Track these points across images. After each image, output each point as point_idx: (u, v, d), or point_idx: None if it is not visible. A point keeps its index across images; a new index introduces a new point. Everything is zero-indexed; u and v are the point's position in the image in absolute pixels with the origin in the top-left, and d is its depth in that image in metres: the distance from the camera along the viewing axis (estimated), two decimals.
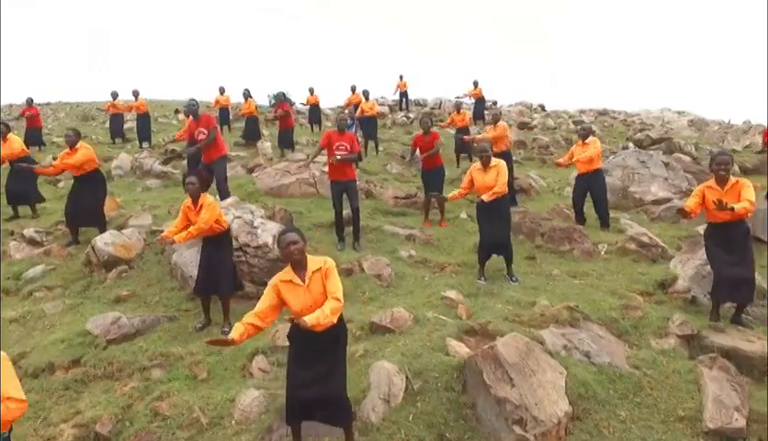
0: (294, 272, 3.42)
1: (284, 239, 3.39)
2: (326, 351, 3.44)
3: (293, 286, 3.39)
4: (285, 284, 3.41)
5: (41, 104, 34.97)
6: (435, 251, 7.52)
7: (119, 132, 16.42)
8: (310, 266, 3.40)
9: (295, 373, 3.48)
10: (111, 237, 6.79)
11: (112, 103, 16.13)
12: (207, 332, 5.49)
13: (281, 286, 3.41)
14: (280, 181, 10.42)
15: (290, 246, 3.35)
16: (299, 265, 3.41)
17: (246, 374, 4.65)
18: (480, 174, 6.29)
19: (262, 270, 6.27)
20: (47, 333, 5.45)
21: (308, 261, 3.42)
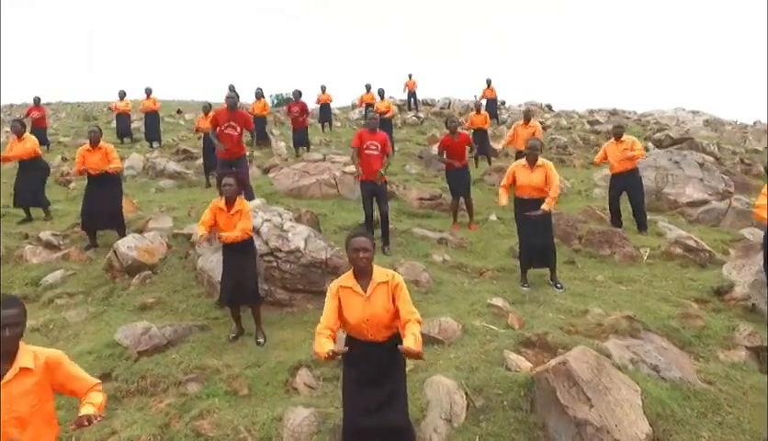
0: (356, 279, 3.12)
1: (355, 243, 3.09)
2: (387, 374, 3.15)
3: (353, 294, 3.10)
4: (345, 290, 3.12)
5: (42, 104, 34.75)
6: (470, 255, 7.22)
7: (127, 132, 16.11)
8: (375, 277, 3.11)
9: (354, 399, 3.18)
10: (134, 241, 6.48)
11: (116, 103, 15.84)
12: (241, 342, 5.20)
13: (341, 292, 3.11)
14: (299, 182, 10.14)
15: (360, 253, 3.06)
16: (363, 273, 3.12)
17: (290, 390, 4.35)
18: (525, 172, 5.98)
19: (294, 276, 5.97)
20: (72, 343, 5.14)
21: (373, 271, 3.12)
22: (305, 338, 5.22)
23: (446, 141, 8.34)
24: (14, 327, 2.42)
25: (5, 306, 2.43)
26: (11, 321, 2.41)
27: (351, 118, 22.24)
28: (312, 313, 5.75)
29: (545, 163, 5.95)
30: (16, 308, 2.46)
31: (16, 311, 2.45)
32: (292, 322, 5.64)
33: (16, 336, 2.44)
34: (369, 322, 3.01)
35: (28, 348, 2.52)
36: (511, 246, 7.30)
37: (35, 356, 2.51)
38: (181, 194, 10.36)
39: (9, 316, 2.41)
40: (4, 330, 2.39)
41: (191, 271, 6.53)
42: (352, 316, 3.05)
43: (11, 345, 2.44)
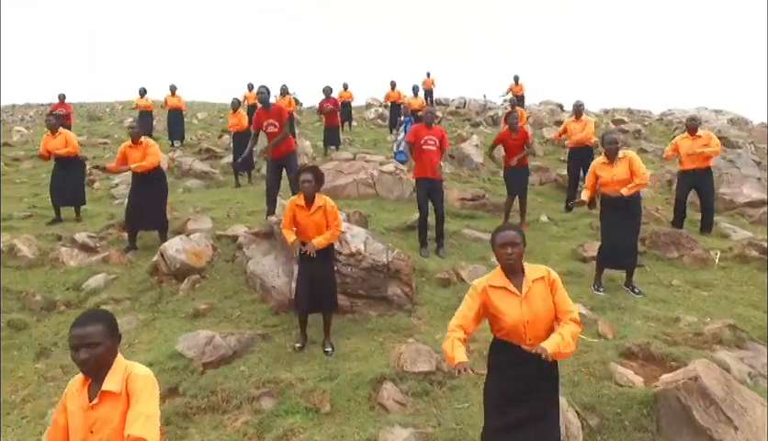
0: (507, 278, 2.76)
1: (501, 237, 2.75)
2: (537, 390, 2.78)
3: (507, 294, 2.74)
4: (496, 290, 2.75)
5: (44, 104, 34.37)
6: (530, 257, 6.80)
7: (148, 130, 15.75)
8: (528, 274, 2.76)
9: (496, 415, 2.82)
10: (181, 243, 6.12)
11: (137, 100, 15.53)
12: (308, 352, 4.84)
13: (491, 292, 2.75)
14: (335, 181, 9.78)
15: (507, 248, 2.72)
16: (514, 270, 2.77)
17: (376, 406, 3.98)
18: (607, 168, 5.61)
19: (356, 280, 5.60)
20: (127, 353, 4.75)
21: (524, 267, 2.77)
22: (375, 349, 4.87)
23: (503, 137, 7.95)
24: (91, 348, 2.04)
25: (81, 323, 2.08)
26: (87, 340, 2.04)
27: (367, 118, 21.90)
28: (376, 321, 5.41)
29: (626, 155, 5.59)
30: (93, 324, 2.08)
31: (93, 329, 2.06)
32: (356, 331, 5.27)
33: (96, 357, 2.05)
34: (530, 324, 2.66)
35: (121, 366, 2.14)
36: (573, 248, 6.95)
37: (126, 376, 2.12)
38: (211, 194, 10.02)
39: (85, 335, 2.04)
40: (78, 351, 2.04)
41: (240, 275, 6.17)
42: (508, 319, 2.69)
43: (94, 366, 2.06)
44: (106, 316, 2.16)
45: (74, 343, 2.04)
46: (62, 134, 8.11)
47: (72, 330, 2.06)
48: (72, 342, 2.04)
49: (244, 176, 11.05)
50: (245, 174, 11.06)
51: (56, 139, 8.07)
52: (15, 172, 12.26)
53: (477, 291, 2.78)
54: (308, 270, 4.75)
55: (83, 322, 2.07)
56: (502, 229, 2.81)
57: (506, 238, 2.73)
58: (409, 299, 5.68)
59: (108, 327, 2.12)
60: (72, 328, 2.06)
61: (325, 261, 4.83)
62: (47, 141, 8.10)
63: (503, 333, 2.78)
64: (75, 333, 2.04)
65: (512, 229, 2.78)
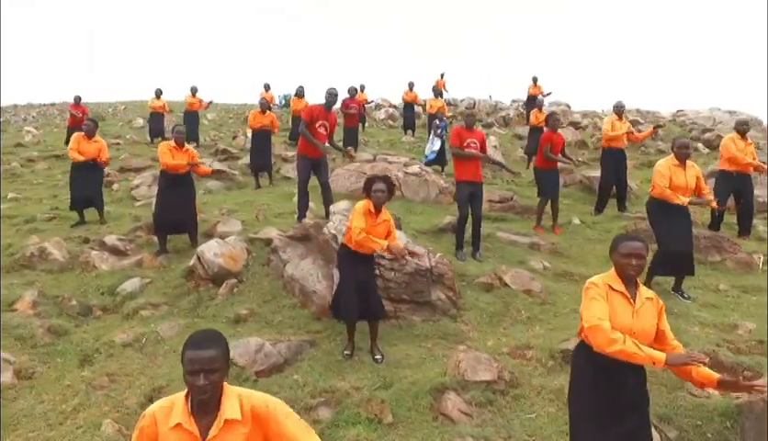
0: (625, 285, 2.66)
1: (628, 247, 2.65)
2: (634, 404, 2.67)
3: (623, 300, 2.63)
4: (615, 294, 2.64)
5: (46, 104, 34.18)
6: (569, 261, 6.75)
7: (160, 132, 15.64)
8: (641, 290, 2.69)
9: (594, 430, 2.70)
10: (218, 247, 6.00)
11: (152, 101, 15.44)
12: (357, 359, 4.71)
13: (610, 293, 2.64)
14: (358, 183, 9.63)
15: (632, 259, 2.63)
16: (630, 281, 2.68)
17: (439, 416, 3.86)
18: (679, 172, 5.48)
19: (399, 285, 5.49)
20: (173, 360, 4.66)
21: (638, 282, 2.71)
22: (425, 356, 4.76)
23: (549, 138, 7.82)
24: (211, 373, 1.86)
25: (201, 345, 1.90)
26: (208, 366, 1.86)
27: (377, 118, 21.80)
28: (421, 327, 5.30)
29: (694, 165, 5.54)
30: (214, 348, 1.90)
31: (213, 353, 1.89)
32: (401, 337, 5.15)
33: (214, 384, 1.89)
34: (636, 336, 2.55)
35: (232, 392, 1.98)
36: None
37: (240, 401, 1.96)
38: (233, 196, 9.90)
39: (207, 360, 1.86)
40: (196, 376, 1.86)
41: (277, 279, 6.05)
42: (617, 325, 2.57)
43: (211, 393, 1.89)
44: (221, 338, 1.99)
45: (193, 367, 1.86)
46: (97, 142, 8.00)
47: (189, 352, 1.89)
48: (189, 366, 1.86)
49: (264, 178, 10.93)
50: (265, 175, 10.93)
51: (90, 144, 7.94)
52: (31, 173, 12.15)
53: (602, 289, 2.66)
54: (353, 273, 4.64)
55: (202, 345, 1.90)
56: (628, 238, 2.72)
57: (633, 249, 2.63)
58: (453, 303, 5.56)
59: (225, 350, 1.97)
60: (189, 349, 1.89)
61: (371, 268, 4.74)
62: (81, 143, 7.97)
63: None
64: (195, 357, 1.87)
65: (638, 240, 2.69)
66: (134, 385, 4.30)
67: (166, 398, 2.03)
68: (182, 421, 1.90)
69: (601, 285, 2.67)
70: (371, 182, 4.59)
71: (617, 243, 2.73)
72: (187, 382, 1.89)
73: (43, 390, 4.17)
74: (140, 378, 4.39)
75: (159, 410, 1.97)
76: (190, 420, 1.91)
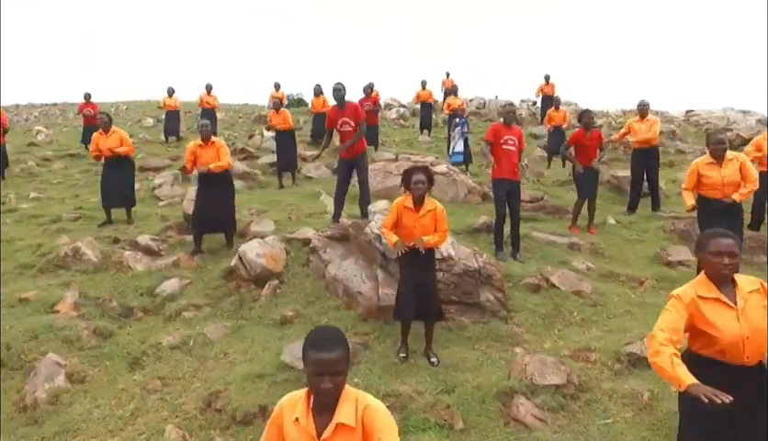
0: (718, 288, 2.53)
1: (719, 244, 2.50)
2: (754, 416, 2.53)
3: (721, 306, 2.49)
4: (707, 302, 2.50)
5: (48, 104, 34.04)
6: (612, 262, 6.63)
7: (175, 131, 15.54)
8: (742, 285, 2.52)
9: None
10: (260, 247, 5.88)
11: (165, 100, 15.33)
12: (413, 362, 4.60)
13: (701, 304, 2.51)
14: (385, 183, 9.54)
15: (725, 258, 2.48)
16: (725, 281, 2.53)
17: (511, 422, 3.74)
18: (714, 169, 5.36)
19: (448, 286, 5.37)
20: (225, 363, 4.55)
21: (735, 278, 2.54)
22: (482, 359, 4.64)
23: (577, 137, 7.70)
24: (336, 376, 1.78)
25: (327, 346, 1.79)
26: (334, 368, 1.78)
27: (388, 118, 21.68)
28: (472, 328, 5.18)
29: (736, 156, 5.36)
30: (339, 349, 1.80)
31: (339, 354, 1.79)
32: (452, 339, 5.04)
33: (338, 386, 1.81)
34: (750, 340, 2.43)
35: (350, 394, 1.88)
36: (655, 253, 6.73)
37: (356, 406, 1.86)
38: (258, 195, 9.78)
39: (333, 361, 1.77)
40: (321, 377, 1.77)
41: (318, 280, 5.94)
42: (725, 334, 2.44)
43: (335, 396, 1.82)
44: (344, 338, 1.88)
45: (318, 369, 1.77)
46: (116, 133, 7.89)
47: (314, 352, 1.78)
48: (315, 367, 1.77)
49: (287, 177, 10.81)
50: (288, 175, 10.82)
51: (110, 138, 7.83)
52: (48, 172, 12.03)
53: (683, 302, 2.53)
54: (411, 272, 4.53)
55: (328, 346, 1.79)
56: (718, 235, 2.55)
57: (724, 246, 2.49)
58: (502, 305, 5.44)
59: (348, 352, 1.86)
60: (313, 350, 1.79)
61: (430, 267, 4.62)
62: (99, 140, 7.88)
63: (715, 350, 2.53)
64: (322, 358, 1.77)
65: (729, 236, 2.54)
66: (189, 389, 4.18)
67: (297, 391, 1.97)
68: (300, 417, 1.86)
69: (684, 298, 2.52)
70: (410, 174, 4.46)
71: (706, 241, 2.57)
72: (311, 383, 1.82)
73: (98, 395, 4.05)
74: (193, 382, 4.27)
75: (287, 401, 1.96)
76: (308, 418, 1.87)
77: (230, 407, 3.86)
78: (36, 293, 5.44)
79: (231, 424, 3.76)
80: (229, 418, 3.79)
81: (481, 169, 11.60)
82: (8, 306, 5.28)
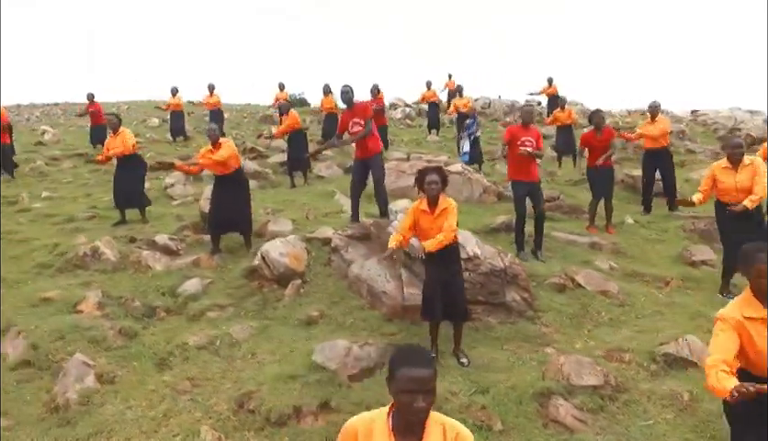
0: (764, 305, 2.47)
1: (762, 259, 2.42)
2: None
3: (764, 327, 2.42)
4: (754, 323, 2.43)
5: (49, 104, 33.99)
6: (634, 262, 6.58)
7: (181, 130, 15.47)
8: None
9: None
10: (283, 246, 5.83)
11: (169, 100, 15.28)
12: (444, 363, 4.54)
13: (748, 325, 2.45)
14: (398, 182, 9.48)
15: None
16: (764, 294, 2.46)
17: (549, 423, 3.69)
18: (729, 174, 5.34)
19: (474, 286, 5.31)
20: (252, 363, 4.50)
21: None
22: (512, 359, 4.60)
23: (587, 138, 7.67)
24: (430, 395, 1.71)
25: (421, 363, 1.72)
26: (428, 386, 1.70)
27: (394, 118, 21.64)
28: (499, 329, 5.14)
29: (753, 161, 5.32)
30: (430, 367, 1.73)
31: (431, 372, 1.72)
32: (480, 339, 4.99)
33: (429, 406, 1.73)
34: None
35: (436, 418, 1.81)
36: (677, 252, 6.69)
37: (444, 431, 1.79)
38: (271, 195, 9.72)
39: (425, 380, 1.70)
40: (414, 395, 1.68)
41: (340, 279, 5.89)
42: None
43: (425, 417, 1.74)
44: (431, 355, 1.83)
45: (413, 386, 1.68)
46: (120, 134, 7.84)
47: (407, 369, 1.70)
48: (408, 384, 1.68)
49: (299, 177, 10.76)
50: (299, 174, 10.77)
51: (115, 139, 7.81)
52: (58, 172, 11.96)
53: (729, 324, 2.48)
54: (437, 275, 4.49)
55: (422, 362, 1.72)
56: (761, 249, 2.46)
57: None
58: (529, 305, 5.40)
59: (436, 368, 1.79)
60: (406, 367, 1.70)
61: (455, 265, 4.57)
62: (109, 143, 7.87)
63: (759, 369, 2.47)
64: (417, 376, 1.68)
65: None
66: (219, 390, 4.13)
67: (366, 413, 1.90)
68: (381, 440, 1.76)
69: (729, 319, 2.48)
70: (423, 174, 4.42)
71: (752, 257, 2.47)
72: (401, 402, 1.72)
73: (128, 395, 3.99)
74: (224, 383, 4.22)
75: (361, 423, 1.85)
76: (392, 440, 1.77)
77: (263, 408, 3.81)
78: (58, 293, 5.39)
79: (265, 426, 3.70)
80: (263, 419, 3.74)
81: (494, 169, 11.56)
82: (30, 306, 5.23)
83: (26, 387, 4.02)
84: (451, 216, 4.36)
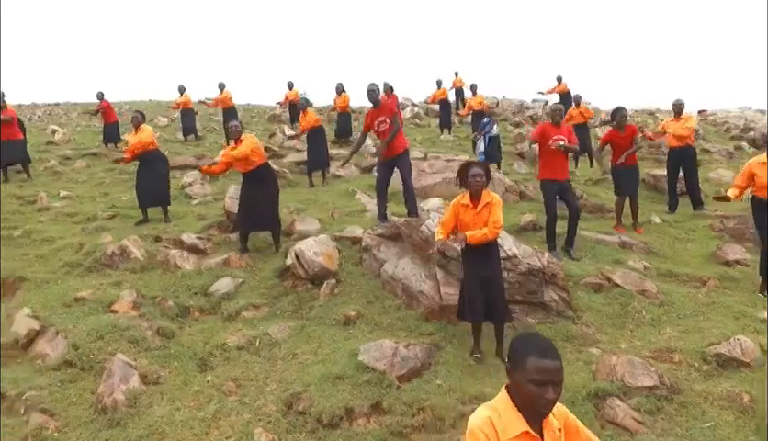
0: None
1: None
2: None
3: None
4: None
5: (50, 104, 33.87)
6: (667, 261, 6.51)
7: (192, 129, 15.41)
8: None
9: None
10: (317, 245, 5.76)
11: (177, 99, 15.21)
12: (489, 363, 4.49)
13: None
14: (421, 181, 9.42)
15: None
16: None
17: (606, 425, 3.63)
18: (764, 169, 5.28)
19: (512, 285, 5.25)
20: (294, 364, 4.43)
21: None
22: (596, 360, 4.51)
23: (611, 136, 7.61)
24: (558, 386, 1.69)
25: (552, 355, 1.69)
26: (557, 377, 1.68)
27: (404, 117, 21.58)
28: (539, 329, 5.04)
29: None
30: (559, 358, 1.72)
31: (561, 364, 1.71)
32: None
33: (558, 397, 1.71)
34: None
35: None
36: (710, 251, 6.62)
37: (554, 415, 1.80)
38: (292, 194, 9.64)
39: (557, 371, 1.68)
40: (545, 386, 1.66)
41: (373, 278, 5.83)
42: None
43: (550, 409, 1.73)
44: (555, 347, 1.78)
45: (544, 378, 1.65)
46: (141, 131, 7.81)
47: (538, 359, 1.66)
48: (539, 375, 1.65)
49: (318, 176, 10.69)
50: (319, 173, 10.70)
51: (136, 136, 7.78)
52: (72, 171, 11.89)
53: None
54: (476, 273, 4.43)
55: (552, 353, 1.69)
56: None
57: None
58: (567, 305, 5.33)
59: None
60: (537, 357, 1.67)
61: (494, 262, 4.49)
62: (130, 139, 7.87)
63: None
64: (549, 366, 1.65)
65: None
66: (265, 391, 4.07)
67: (485, 407, 1.81)
68: (526, 429, 1.70)
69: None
70: (466, 169, 4.36)
71: None
72: (531, 392, 1.68)
73: (174, 397, 3.93)
74: (269, 384, 4.15)
75: (496, 418, 1.74)
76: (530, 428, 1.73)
77: (313, 409, 3.74)
78: (91, 292, 5.32)
79: (317, 427, 3.64)
80: (314, 421, 3.67)
81: (512, 169, 11.50)
82: (64, 305, 5.17)
83: (70, 387, 3.95)
84: (497, 210, 4.29)
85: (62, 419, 3.62)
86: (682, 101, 8.60)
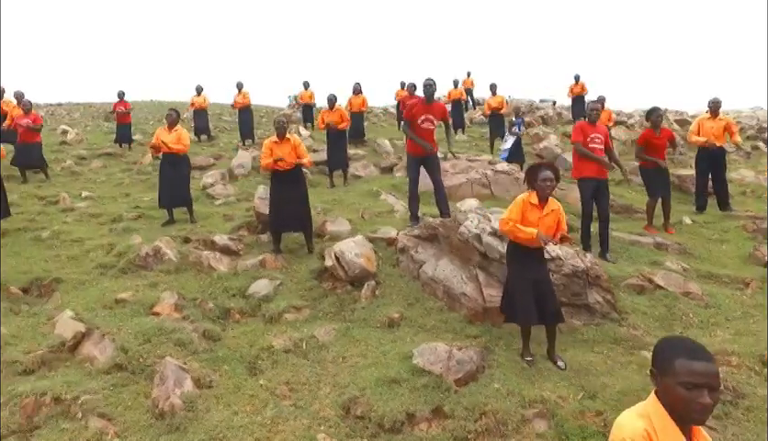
0: None
1: None
2: None
3: None
4: None
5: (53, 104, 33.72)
6: (705, 262, 6.47)
7: (205, 129, 15.35)
8: None
9: None
10: (357, 247, 5.70)
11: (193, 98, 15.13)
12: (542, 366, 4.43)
13: None
14: (445, 182, 9.30)
15: None
16: None
17: None
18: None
19: (556, 287, 5.15)
20: (345, 367, 4.36)
21: None
22: (610, 363, 4.48)
23: (646, 136, 7.56)
24: (715, 391, 1.60)
25: (701, 356, 1.61)
26: (714, 381, 1.60)
27: None
28: (585, 331, 5.02)
29: None
30: (713, 360, 1.64)
31: (716, 367, 1.63)
32: (568, 342, 4.86)
33: (715, 403, 1.62)
34: None
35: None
36: (748, 252, 6.57)
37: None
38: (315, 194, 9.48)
39: (713, 374, 1.60)
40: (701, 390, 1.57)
41: (412, 280, 5.77)
42: None
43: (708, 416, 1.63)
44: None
45: (699, 381, 1.57)
46: (177, 131, 7.76)
47: (692, 362, 1.59)
48: (694, 378, 1.57)
49: (339, 176, 10.63)
50: (340, 173, 10.63)
51: (171, 134, 7.72)
52: (90, 171, 11.82)
53: None
54: (527, 275, 4.37)
55: (707, 356, 1.61)
56: None
57: None
58: (612, 306, 5.28)
59: None
60: (689, 359, 1.60)
61: (545, 267, 4.48)
62: (161, 134, 7.78)
63: None
64: (704, 370, 1.58)
65: None
66: (319, 395, 4.01)
67: (638, 417, 1.67)
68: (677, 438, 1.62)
69: None
70: (536, 171, 4.31)
71: None
72: (681, 397, 1.59)
73: (230, 401, 3.87)
74: (322, 388, 4.09)
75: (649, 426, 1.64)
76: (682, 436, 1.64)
77: (373, 414, 3.68)
78: (131, 294, 5.26)
79: (378, 432, 3.59)
80: (374, 425, 3.62)
81: None
82: (104, 307, 5.11)
83: (123, 391, 3.88)
84: (564, 219, 4.34)
85: (120, 424, 3.55)
86: (719, 100, 8.47)
